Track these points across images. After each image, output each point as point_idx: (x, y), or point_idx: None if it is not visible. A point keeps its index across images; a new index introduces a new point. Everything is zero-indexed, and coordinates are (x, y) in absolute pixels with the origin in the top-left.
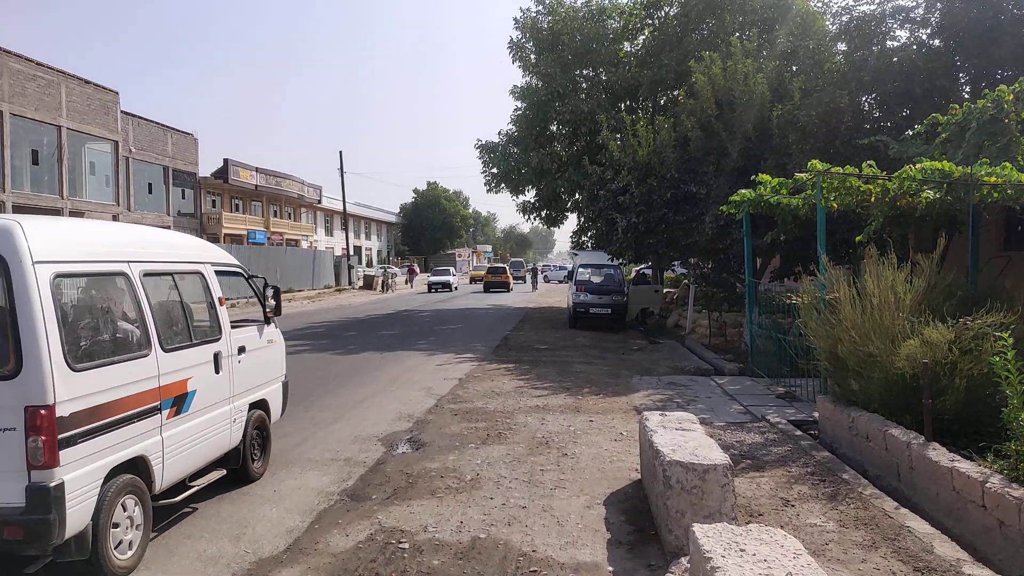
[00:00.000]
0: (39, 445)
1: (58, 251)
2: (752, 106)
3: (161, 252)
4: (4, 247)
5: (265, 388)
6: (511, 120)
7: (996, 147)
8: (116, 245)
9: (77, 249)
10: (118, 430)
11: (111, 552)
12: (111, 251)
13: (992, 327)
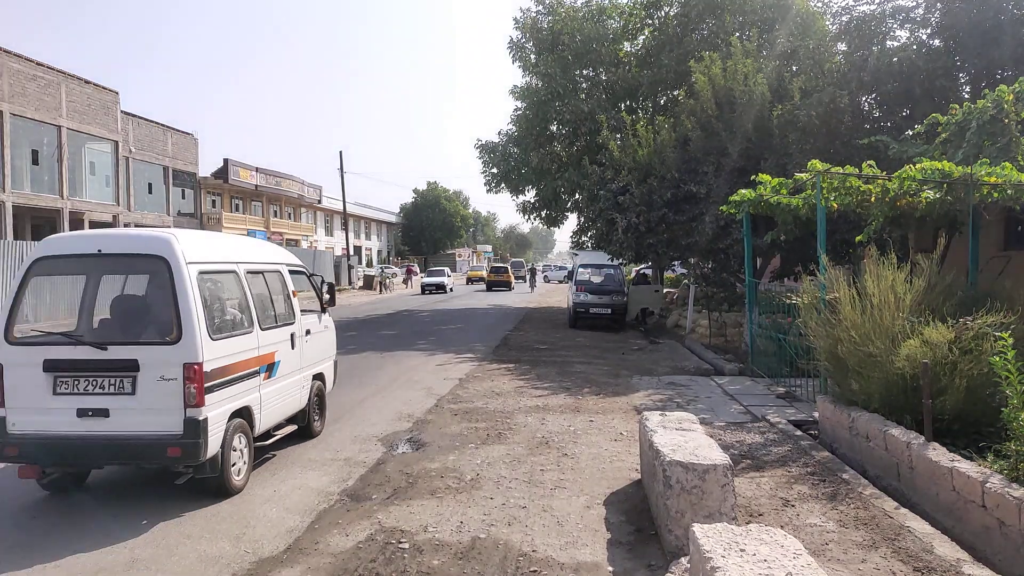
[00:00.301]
0: (193, 390)
1: (198, 255)
2: (752, 106)
3: (255, 256)
4: (167, 252)
5: (323, 364)
6: (511, 120)
7: (996, 147)
8: (229, 251)
9: (208, 254)
10: (235, 385)
11: (231, 473)
12: (227, 255)
13: (992, 327)
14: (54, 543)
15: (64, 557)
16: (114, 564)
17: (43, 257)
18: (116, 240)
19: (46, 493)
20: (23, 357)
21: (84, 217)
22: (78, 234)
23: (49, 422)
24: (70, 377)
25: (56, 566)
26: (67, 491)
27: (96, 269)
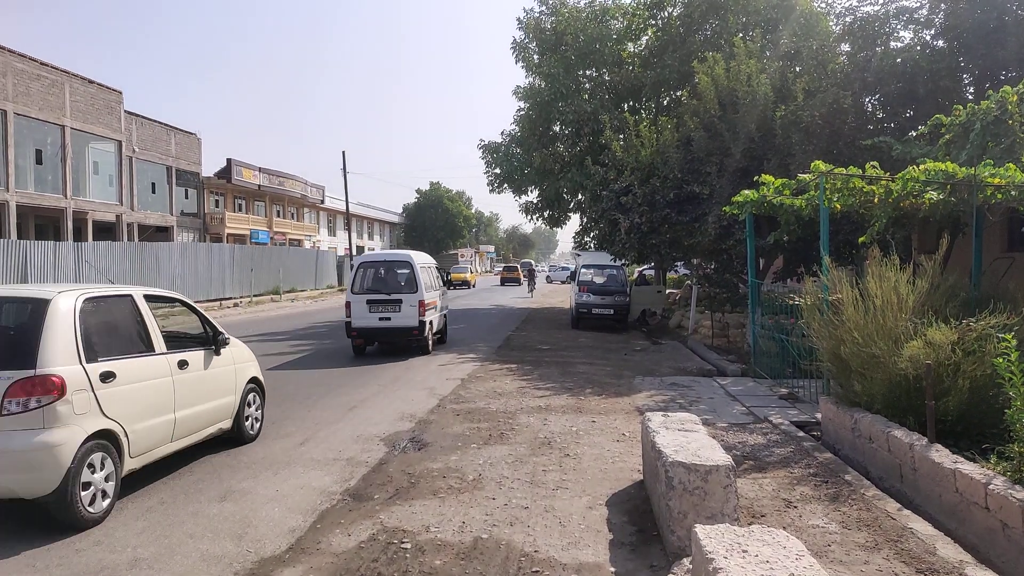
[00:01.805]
0: (420, 308)
1: (419, 260)
2: (755, 107)
3: (426, 260)
4: (408, 257)
5: (442, 312)
6: (514, 120)
7: (1000, 148)
8: (423, 257)
9: (421, 260)
10: (433, 311)
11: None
12: (424, 260)
13: (995, 328)
14: (55, 542)
15: (65, 556)
16: (116, 563)
17: (364, 263)
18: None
19: None
20: (358, 299)
21: (87, 217)
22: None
23: (367, 320)
24: (376, 303)
25: (59, 565)
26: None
27: (373, 265)
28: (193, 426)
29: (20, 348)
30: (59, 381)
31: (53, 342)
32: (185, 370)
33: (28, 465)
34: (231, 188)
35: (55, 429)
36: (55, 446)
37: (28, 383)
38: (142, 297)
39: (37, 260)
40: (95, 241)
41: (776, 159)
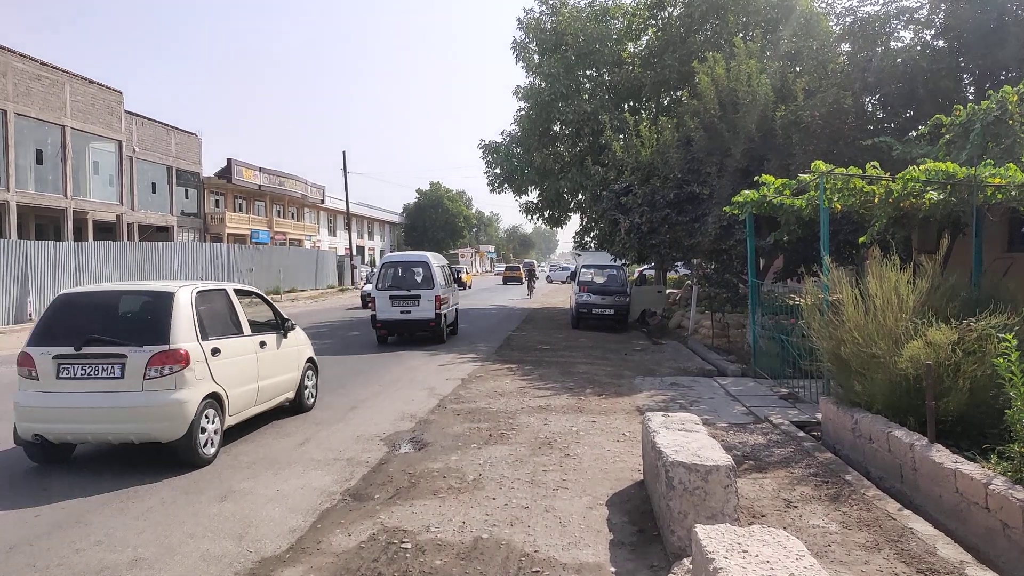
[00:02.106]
0: (436, 303)
1: (436, 261)
2: (755, 107)
3: (440, 260)
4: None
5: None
6: (514, 120)
7: (1000, 148)
8: (438, 258)
9: (437, 260)
10: (447, 305)
11: (445, 332)
12: (440, 260)
13: (996, 328)
14: (56, 541)
15: (65, 556)
16: (117, 563)
17: (387, 263)
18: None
19: (47, 491)
20: (382, 294)
21: (88, 216)
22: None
23: (390, 313)
24: (398, 299)
25: (59, 565)
26: (70, 492)
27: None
28: (269, 394)
29: (155, 329)
30: (185, 353)
31: (178, 324)
32: (264, 349)
33: (164, 416)
34: (231, 188)
35: (183, 390)
36: (184, 402)
37: (163, 355)
38: (233, 290)
39: (37, 260)
40: (95, 241)
41: (776, 159)
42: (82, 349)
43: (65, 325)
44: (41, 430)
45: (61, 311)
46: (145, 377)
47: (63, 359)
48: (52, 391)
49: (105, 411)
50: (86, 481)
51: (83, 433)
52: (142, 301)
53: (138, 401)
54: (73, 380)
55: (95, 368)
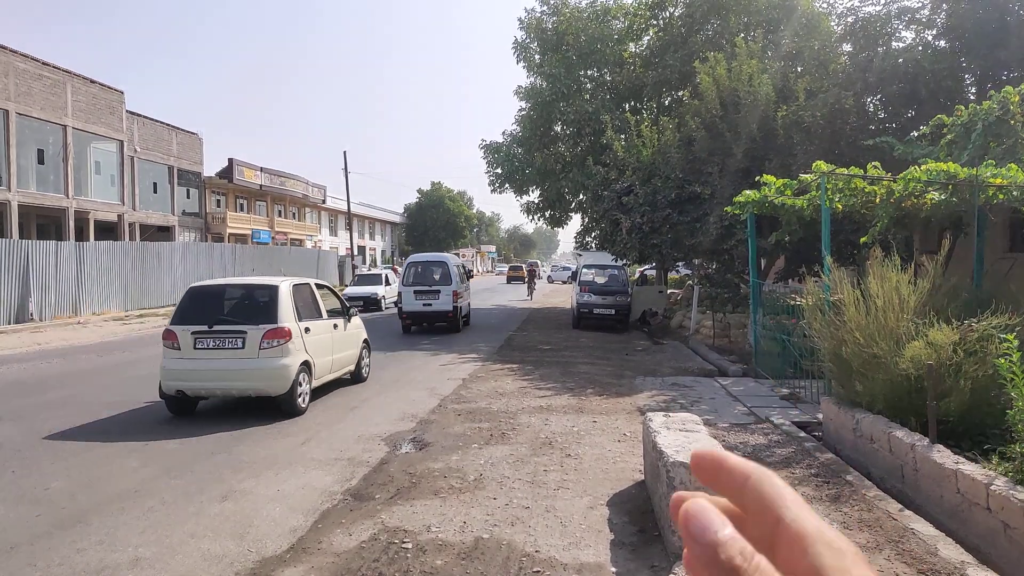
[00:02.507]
0: (453, 297)
1: (453, 261)
2: (757, 107)
3: (457, 260)
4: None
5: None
6: (515, 120)
7: (1002, 148)
8: (455, 258)
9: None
10: (462, 299)
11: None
12: (457, 260)
13: (997, 329)
14: (57, 541)
15: (66, 555)
16: (117, 562)
17: (411, 262)
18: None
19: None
20: (407, 289)
21: (89, 216)
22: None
23: (414, 306)
24: (421, 293)
25: (60, 564)
26: (73, 492)
27: (419, 264)
28: (339, 366)
29: (266, 312)
30: (288, 330)
31: (282, 309)
32: (336, 330)
33: (274, 377)
34: (232, 188)
35: (287, 357)
36: (288, 367)
37: (273, 331)
38: (314, 284)
39: (39, 260)
40: (97, 241)
41: (778, 159)
42: (213, 327)
43: (197, 309)
44: (182, 387)
45: (193, 299)
46: (260, 347)
47: (199, 334)
48: (190, 358)
49: (231, 372)
50: (204, 426)
51: (214, 389)
52: (254, 291)
53: (255, 365)
54: (207, 350)
55: (223, 341)
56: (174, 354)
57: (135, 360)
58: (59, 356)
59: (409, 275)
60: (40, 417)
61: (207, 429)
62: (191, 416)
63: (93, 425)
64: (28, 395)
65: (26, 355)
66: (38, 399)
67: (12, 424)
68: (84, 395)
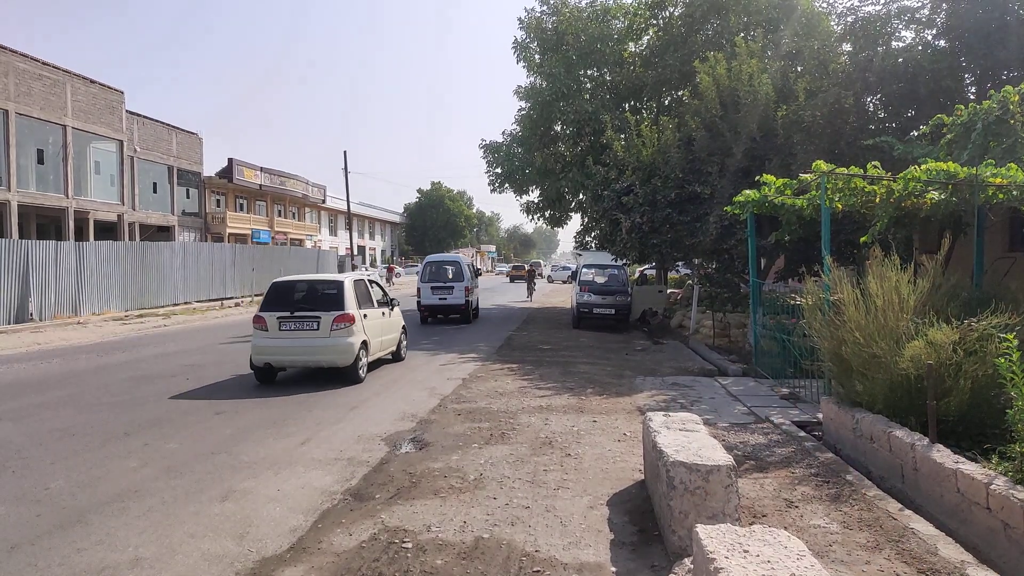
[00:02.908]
0: (465, 292)
1: (465, 260)
2: (756, 106)
3: (467, 260)
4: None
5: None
6: (515, 120)
7: (1001, 148)
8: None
9: (464, 259)
10: (472, 294)
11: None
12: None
13: (997, 328)
14: (58, 541)
15: (67, 556)
16: (118, 562)
17: (429, 261)
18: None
19: (50, 494)
20: (425, 285)
21: (89, 216)
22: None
23: (431, 300)
24: (437, 288)
25: (60, 564)
26: (73, 492)
27: (435, 264)
28: (385, 346)
29: (335, 301)
30: (353, 316)
31: (348, 299)
32: (383, 317)
33: (342, 352)
34: (232, 188)
35: (351, 337)
36: (352, 344)
37: (341, 316)
38: (368, 280)
39: (38, 260)
40: (97, 241)
41: (777, 159)
42: (294, 312)
43: (280, 299)
44: (269, 360)
45: (276, 291)
46: (331, 329)
47: (283, 318)
48: (276, 337)
49: (308, 348)
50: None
51: (294, 361)
52: (325, 285)
53: (327, 343)
54: (289, 331)
55: (302, 323)
56: (262, 335)
57: (135, 360)
58: (59, 356)
59: (426, 273)
60: (40, 417)
61: (212, 430)
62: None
63: (95, 419)
64: (28, 395)
65: (26, 355)
66: (38, 399)
67: (12, 424)
68: (84, 395)
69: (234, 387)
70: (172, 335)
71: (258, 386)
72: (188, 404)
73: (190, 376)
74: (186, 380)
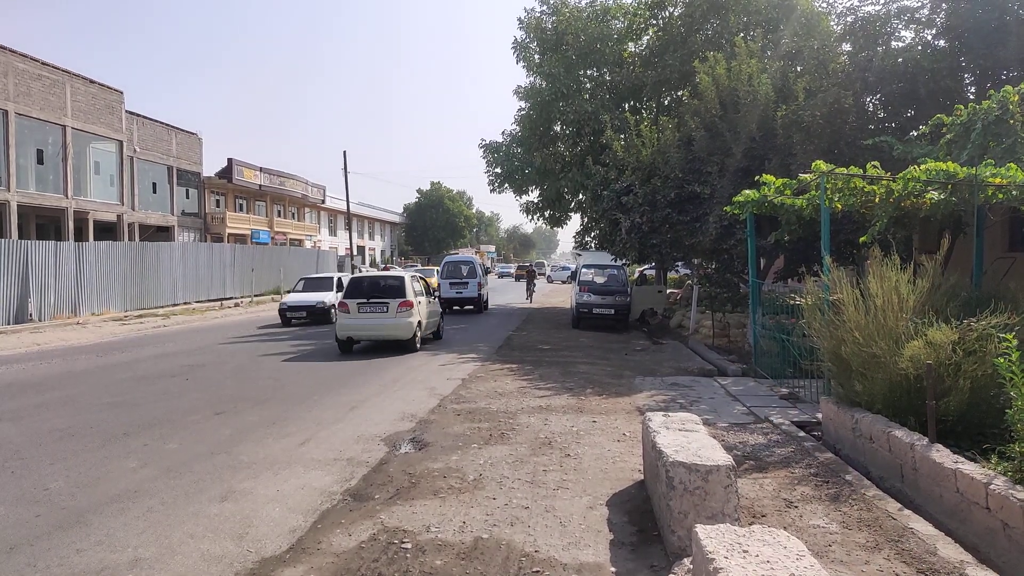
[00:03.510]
0: (477, 287)
1: (478, 260)
2: (756, 106)
3: (477, 260)
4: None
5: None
6: (515, 120)
7: (1001, 148)
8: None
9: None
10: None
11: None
12: (479, 259)
13: (996, 328)
14: (57, 541)
15: (66, 556)
16: (117, 563)
17: (447, 261)
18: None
19: (49, 494)
20: (445, 281)
21: (88, 216)
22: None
23: (450, 293)
24: (454, 283)
25: (60, 565)
26: (72, 493)
27: (452, 263)
28: (430, 328)
29: (399, 291)
30: (412, 302)
31: (408, 289)
32: (429, 304)
33: (404, 329)
34: (232, 188)
35: (411, 318)
36: (411, 323)
37: (404, 303)
38: (419, 276)
39: (38, 260)
40: (96, 241)
41: (777, 159)
42: (369, 299)
43: (357, 290)
44: (350, 334)
45: (354, 284)
46: (397, 312)
47: (361, 304)
48: (355, 318)
49: (379, 326)
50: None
51: (369, 336)
52: (391, 279)
53: (393, 322)
54: (365, 313)
55: (374, 308)
56: (345, 316)
57: (134, 360)
58: (58, 356)
59: (445, 271)
60: (39, 417)
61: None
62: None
63: (94, 419)
64: (27, 395)
65: (25, 355)
66: (37, 399)
67: (12, 424)
68: (83, 395)
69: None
70: (171, 335)
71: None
72: (188, 405)
73: (189, 376)
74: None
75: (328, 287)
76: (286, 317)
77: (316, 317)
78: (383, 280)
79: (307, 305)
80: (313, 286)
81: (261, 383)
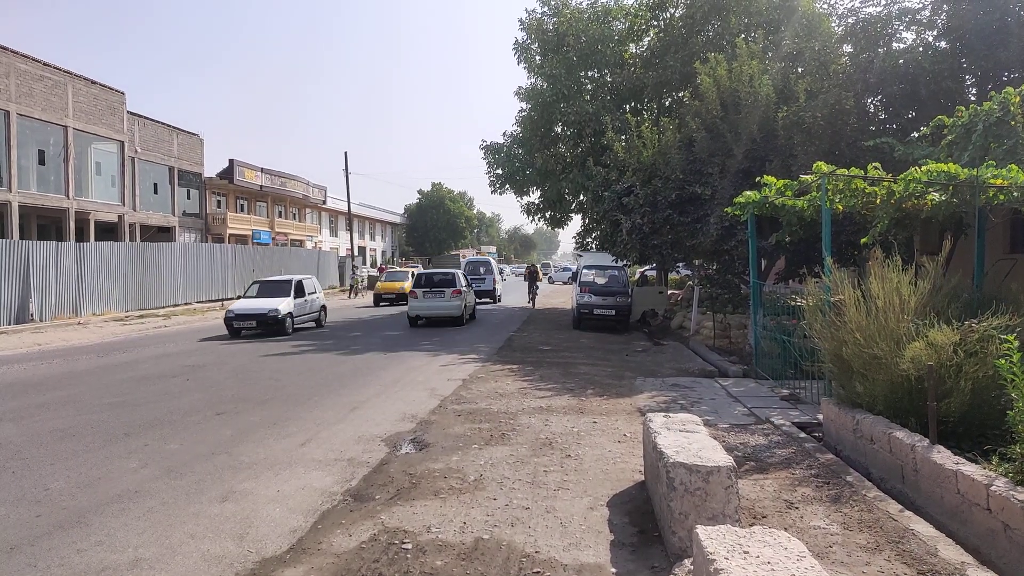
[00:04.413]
0: (492, 283)
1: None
2: (757, 108)
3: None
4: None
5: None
6: (516, 121)
7: (1002, 149)
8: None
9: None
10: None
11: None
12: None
13: (997, 330)
14: (57, 541)
15: (66, 556)
16: (117, 563)
17: (468, 261)
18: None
19: (50, 495)
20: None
21: (90, 217)
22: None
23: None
24: (474, 280)
25: (60, 565)
26: (73, 493)
27: (472, 263)
28: (470, 310)
29: (453, 282)
30: (461, 291)
31: (459, 281)
32: (470, 293)
33: (457, 310)
34: (233, 188)
35: (460, 301)
36: (460, 305)
37: (456, 291)
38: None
39: (39, 260)
40: (97, 241)
41: (778, 160)
42: (431, 288)
43: (423, 281)
44: (418, 313)
45: (420, 277)
46: (450, 297)
47: (424, 291)
48: (421, 301)
49: (438, 307)
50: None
51: (430, 315)
52: (446, 275)
53: (449, 304)
54: (428, 298)
55: (435, 294)
56: (414, 301)
57: (135, 360)
58: (59, 357)
59: (466, 269)
60: (40, 417)
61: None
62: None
63: (95, 419)
64: (28, 395)
65: (26, 355)
66: (38, 399)
67: (12, 424)
68: (84, 396)
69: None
70: (172, 336)
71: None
72: (189, 405)
73: (190, 377)
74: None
75: (285, 292)
76: (233, 327)
77: (268, 328)
78: (439, 275)
79: (257, 313)
80: (268, 291)
81: (262, 383)
